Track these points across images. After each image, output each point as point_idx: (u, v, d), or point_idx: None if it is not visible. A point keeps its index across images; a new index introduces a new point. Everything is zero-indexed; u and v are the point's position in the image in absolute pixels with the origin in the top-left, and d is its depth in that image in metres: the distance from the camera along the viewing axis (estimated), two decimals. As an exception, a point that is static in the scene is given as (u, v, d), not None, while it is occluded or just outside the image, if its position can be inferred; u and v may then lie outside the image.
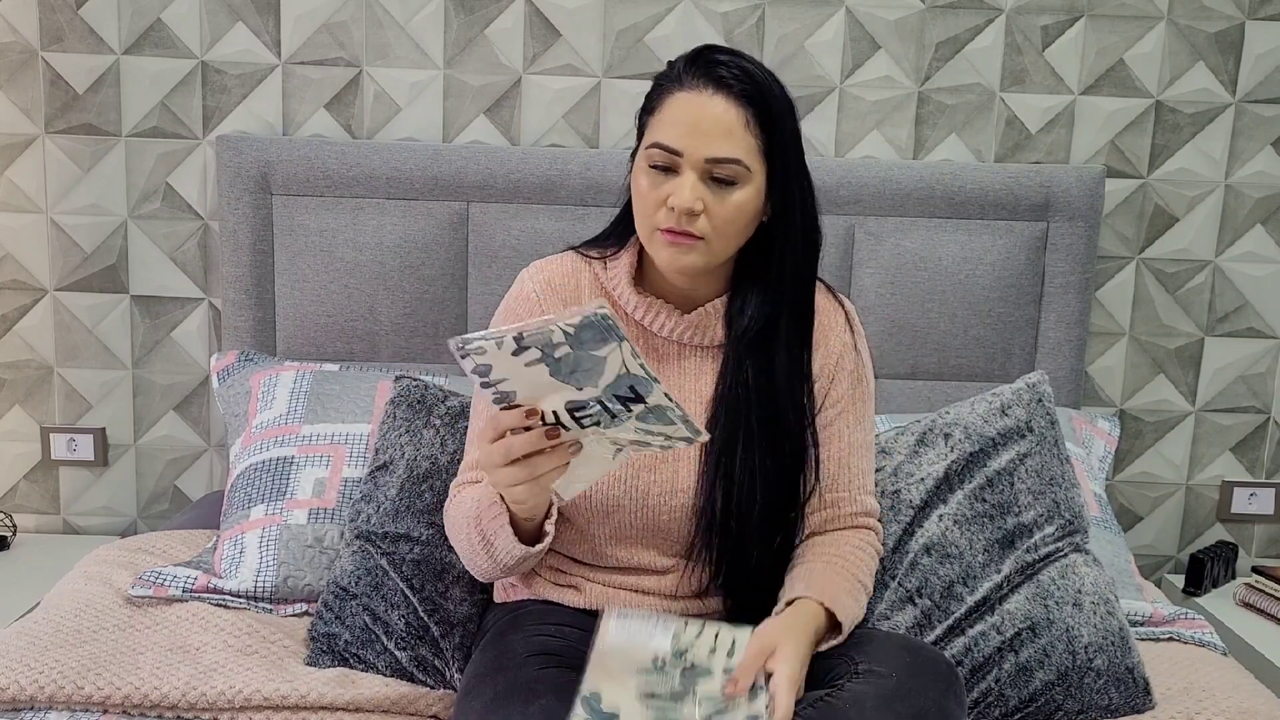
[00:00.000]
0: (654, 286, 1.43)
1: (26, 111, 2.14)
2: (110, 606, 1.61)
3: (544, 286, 1.45)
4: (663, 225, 1.31)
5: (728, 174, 1.29)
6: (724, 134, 1.28)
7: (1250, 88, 2.20)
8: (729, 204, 1.30)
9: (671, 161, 1.29)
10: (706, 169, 1.29)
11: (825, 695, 1.22)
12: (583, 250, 1.48)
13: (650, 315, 1.42)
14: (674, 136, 1.29)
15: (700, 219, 1.30)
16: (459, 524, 1.38)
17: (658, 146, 1.30)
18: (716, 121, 1.28)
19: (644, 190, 1.32)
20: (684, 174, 1.29)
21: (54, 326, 2.22)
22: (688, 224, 1.30)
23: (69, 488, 2.29)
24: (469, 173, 2.07)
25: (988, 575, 1.58)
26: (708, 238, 1.31)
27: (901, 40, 2.16)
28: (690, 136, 1.28)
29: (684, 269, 1.33)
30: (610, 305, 1.43)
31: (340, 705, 1.43)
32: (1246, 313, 2.28)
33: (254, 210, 2.07)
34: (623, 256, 1.43)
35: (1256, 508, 2.36)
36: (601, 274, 1.45)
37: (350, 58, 2.15)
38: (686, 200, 1.28)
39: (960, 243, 2.10)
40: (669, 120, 1.30)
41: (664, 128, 1.30)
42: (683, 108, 1.29)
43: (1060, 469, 1.66)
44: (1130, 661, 1.55)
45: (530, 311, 1.44)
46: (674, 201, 1.29)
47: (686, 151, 1.28)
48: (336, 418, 1.84)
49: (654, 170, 1.31)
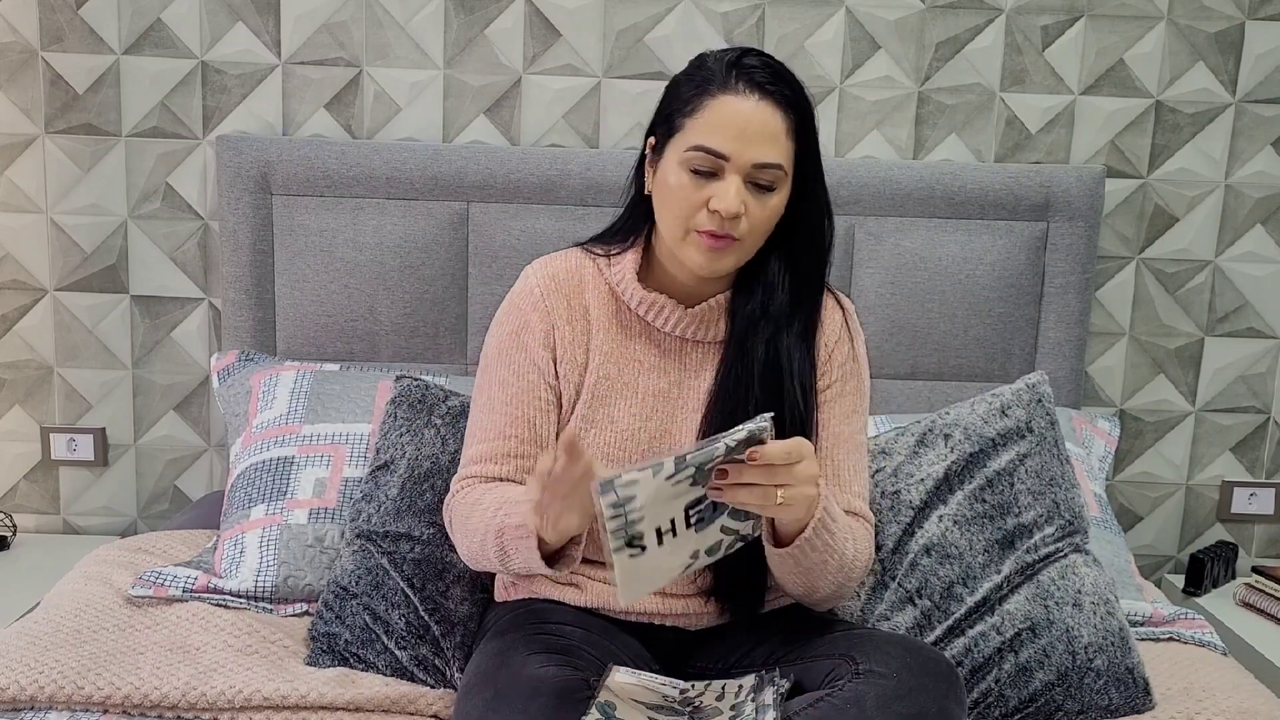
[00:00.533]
0: (658, 282, 1.45)
1: (26, 111, 2.14)
2: (110, 606, 1.61)
3: (548, 282, 1.46)
4: (703, 227, 1.32)
5: (769, 179, 1.31)
6: (770, 140, 1.30)
7: (1250, 88, 2.20)
8: (767, 207, 1.33)
9: (715, 165, 1.30)
10: (750, 174, 1.31)
11: (825, 695, 1.23)
12: (588, 246, 1.49)
13: (654, 311, 1.44)
14: (720, 140, 1.30)
15: (740, 221, 1.32)
16: (474, 529, 1.37)
17: (701, 150, 1.30)
18: (764, 127, 1.30)
19: (682, 192, 1.32)
20: (727, 178, 1.30)
21: (54, 326, 2.22)
22: (730, 227, 1.31)
23: (69, 488, 2.29)
24: (469, 173, 2.07)
25: (988, 576, 1.58)
26: (743, 239, 1.33)
27: (901, 40, 2.16)
28: (737, 141, 1.29)
29: (717, 271, 1.36)
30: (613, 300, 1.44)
31: (340, 705, 1.43)
32: (1246, 313, 2.28)
33: (254, 210, 2.07)
34: (627, 253, 1.45)
35: (1256, 508, 2.36)
36: (605, 270, 1.46)
37: (350, 58, 2.15)
38: (733, 205, 1.29)
39: (960, 243, 2.10)
40: (713, 124, 1.30)
41: (708, 131, 1.30)
42: (728, 112, 1.30)
43: (1060, 469, 1.66)
44: (1130, 662, 1.55)
45: (535, 306, 1.45)
46: (718, 205, 1.30)
47: (733, 156, 1.30)
48: (337, 417, 1.84)
49: (695, 174, 1.31)
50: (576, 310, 1.45)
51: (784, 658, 1.35)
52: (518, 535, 1.28)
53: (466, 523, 1.40)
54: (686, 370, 1.45)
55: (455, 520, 1.44)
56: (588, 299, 1.46)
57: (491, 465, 1.43)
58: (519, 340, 1.45)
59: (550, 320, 1.44)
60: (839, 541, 1.32)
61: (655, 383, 1.45)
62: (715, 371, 1.43)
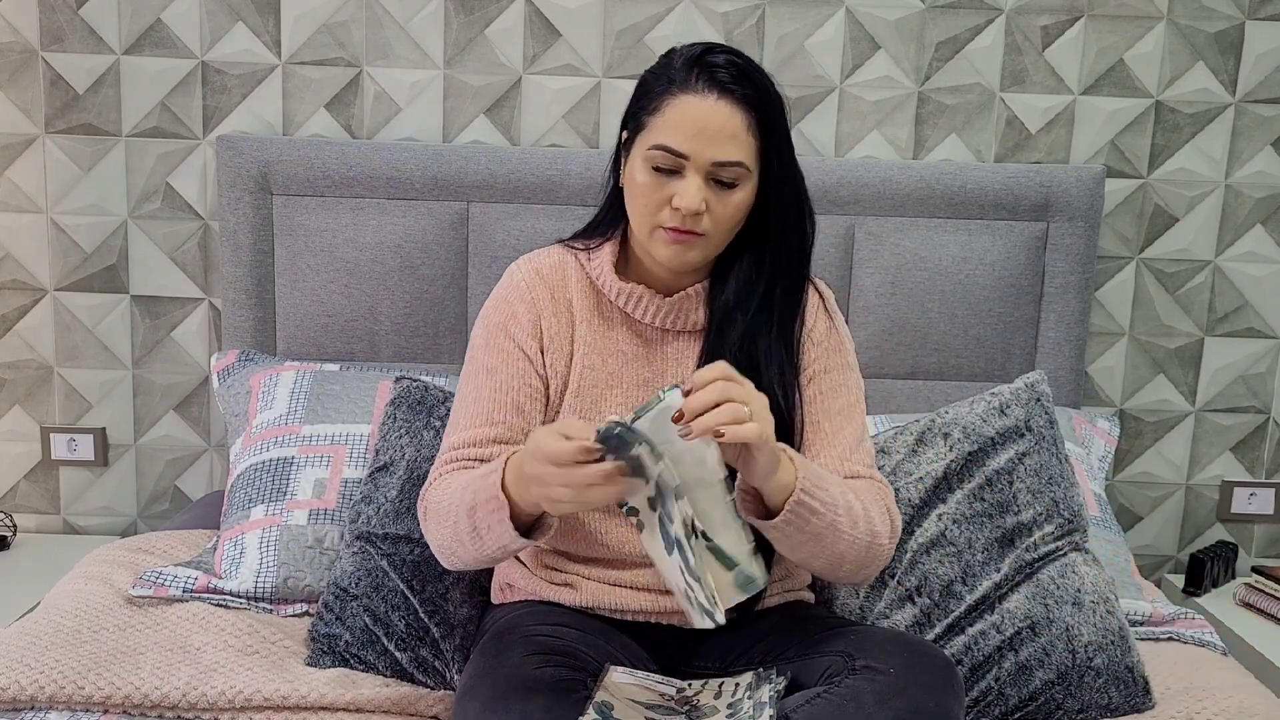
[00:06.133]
0: (636, 274, 1.47)
1: (26, 111, 2.14)
2: (110, 606, 1.61)
3: (533, 276, 1.48)
4: (667, 224, 1.34)
5: (731, 176, 1.32)
6: (729, 138, 1.31)
7: (1250, 88, 2.20)
8: (730, 204, 1.34)
9: (676, 164, 1.32)
10: (711, 172, 1.32)
11: (822, 692, 1.22)
12: (569, 242, 1.52)
13: (633, 302, 1.45)
14: (680, 140, 1.31)
15: (703, 218, 1.33)
16: (446, 511, 1.34)
17: (662, 149, 1.32)
18: (722, 127, 1.31)
19: (645, 189, 1.34)
20: (688, 176, 1.32)
21: (54, 326, 2.22)
22: (692, 224, 1.33)
23: (69, 488, 2.29)
24: (469, 173, 2.07)
25: (987, 574, 1.58)
26: (708, 234, 1.35)
27: (901, 40, 2.16)
28: (696, 140, 1.30)
29: (685, 264, 1.37)
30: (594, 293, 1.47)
31: (340, 706, 1.43)
32: (1246, 313, 2.28)
33: (254, 210, 2.07)
34: (605, 246, 1.47)
35: (1256, 508, 2.36)
36: (586, 264, 1.48)
37: (350, 58, 2.15)
38: (693, 202, 1.31)
39: (960, 243, 2.10)
40: (673, 123, 1.32)
41: (668, 130, 1.32)
42: (688, 111, 1.31)
43: (1059, 468, 1.66)
44: (1130, 661, 1.55)
45: (521, 299, 1.46)
46: (680, 203, 1.31)
47: (693, 155, 1.31)
48: (337, 418, 1.84)
49: (657, 171, 1.33)
50: (561, 304, 1.46)
51: (781, 655, 1.35)
52: (490, 509, 1.25)
53: (441, 509, 1.35)
54: (668, 360, 1.46)
55: (429, 509, 1.39)
56: (571, 293, 1.47)
57: (475, 449, 1.40)
58: (506, 330, 1.45)
59: (537, 311, 1.45)
60: (835, 495, 1.28)
61: (639, 373, 1.46)
62: (696, 361, 1.45)
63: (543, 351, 1.45)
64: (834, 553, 1.31)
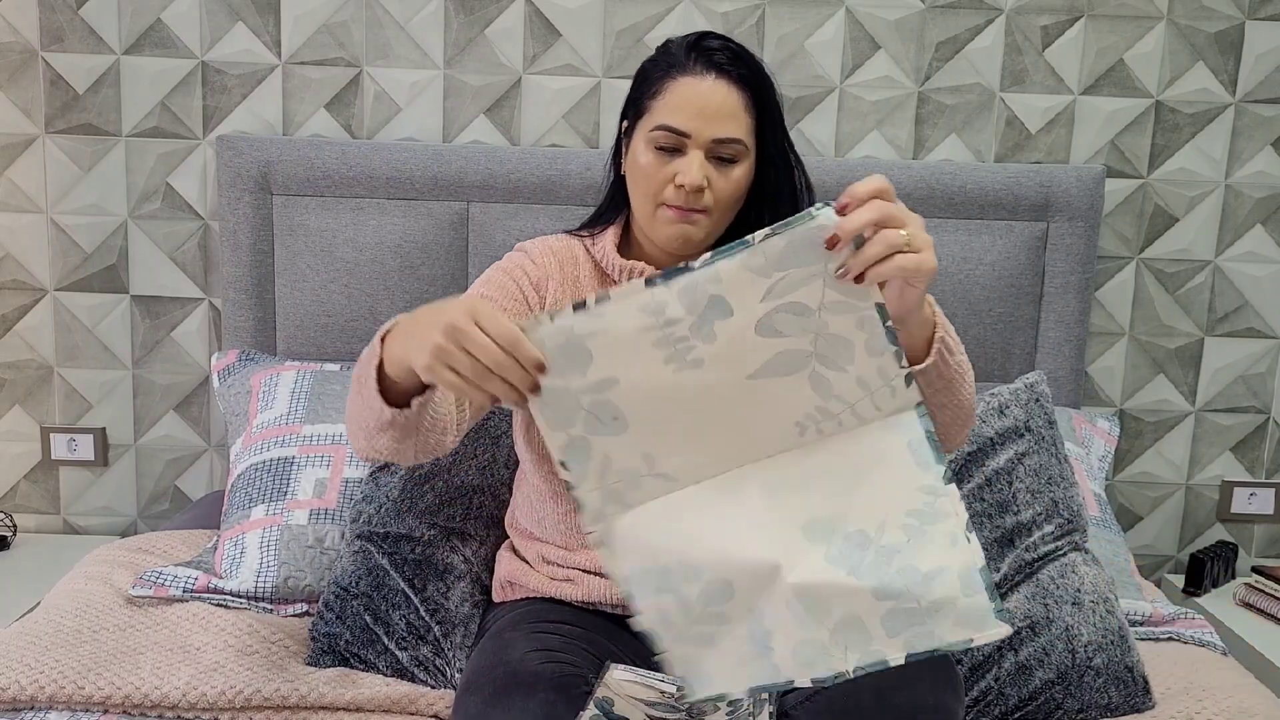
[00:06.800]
0: (638, 255, 1.49)
1: (26, 111, 2.14)
2: (110, 606, 1.61)
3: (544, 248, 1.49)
4: (670, 202, 1.38)
5: (731, 153, 1.37)
6: (729, 116, 1.36)
7: (1250, 88, 2.20)
8: (730, 179, 1.38)
9: (678, 143, 1.36)
10: (712, 149, 1.36)
11: (821, 689, 1.22)
12: (574, 231, 1.55)
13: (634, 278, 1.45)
14: (682, 119, 1.35)
15: (705, 194, 1.37)
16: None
17: (665, 129, 1.36)
18: (721, 105, 1.35)
19: (649, 169, 1.38)
20: (690, 154, 1.36)
21: (54, 326, 2.22)
22: (695, 201, 1.36)
23: (69, 488, 2.29)
24: (469, 173, 2.07)
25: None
26: (710, 211, 1.38)
27: (901, 40, 2.16)
28: (697, 119, 1.35)
29: (689, 242, 1.40)
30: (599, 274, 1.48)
31: (341, 705, 1.43)
32: (1246, 313, 2.28)
33: (254, 210, 2.07)
34: (609, 231, 1.50)
35: (1256, 508, 2.36)
36: (591, 247, 1.51)
37: (350, 58, 2.15)
38: (696, 178, 1.35)
39: (960, 243, 2.10)
40: (675, 104, 1.36)
41: (670, 111, 1.36)
42: (688, 92, 1.36)
43: (1059, 468, 1.66)
44: (1130, 660, 1.55)
45: (531, 260, 1.48)
46: (683, 179, 1.35)
47: (694, 133, 1.35)
48: (337, 418, 1.84)
49: (659, 151, 1.37)
50: (569, 277, 1.48)
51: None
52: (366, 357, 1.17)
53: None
54: None
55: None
56: (579, 270, 1.50)
57: None
58: (510, 275, 1.45)
59: (545, 274, 1.47)
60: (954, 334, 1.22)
61: None
62: None
63: (543, 307, 1.45)
64: (963, 398, 1.25)
